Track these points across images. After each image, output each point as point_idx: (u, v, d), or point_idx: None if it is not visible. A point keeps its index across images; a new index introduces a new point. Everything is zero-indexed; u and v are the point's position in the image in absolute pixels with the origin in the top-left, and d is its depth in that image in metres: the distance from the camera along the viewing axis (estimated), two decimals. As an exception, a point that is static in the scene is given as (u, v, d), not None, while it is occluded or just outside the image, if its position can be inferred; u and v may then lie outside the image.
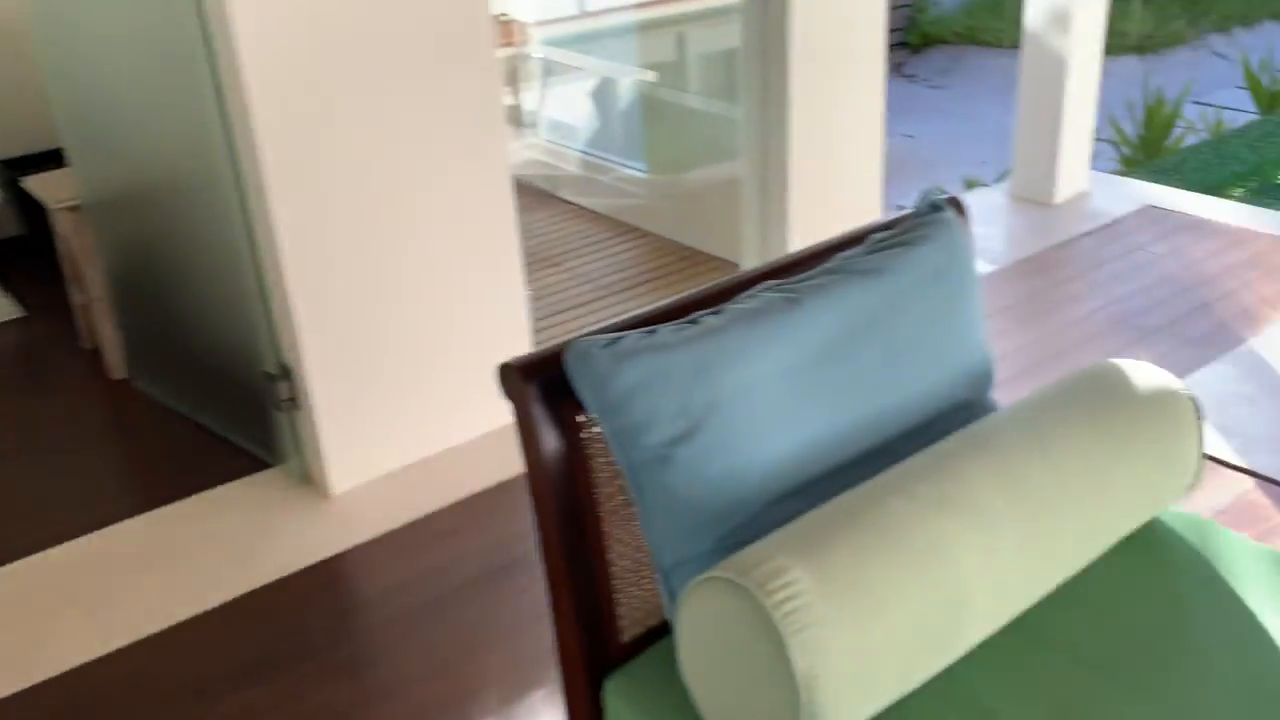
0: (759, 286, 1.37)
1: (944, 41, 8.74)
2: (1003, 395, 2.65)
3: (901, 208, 5.46)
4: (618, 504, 1.33)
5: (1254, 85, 6.35)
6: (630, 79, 4.25)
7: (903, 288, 1.38)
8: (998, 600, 1.22)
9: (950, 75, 8.34)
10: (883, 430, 1.37)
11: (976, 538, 1.20)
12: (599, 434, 1.28)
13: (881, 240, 1.44)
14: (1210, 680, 1.23)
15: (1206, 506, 2.20)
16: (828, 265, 1.40)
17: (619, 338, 1.23)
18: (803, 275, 1.38)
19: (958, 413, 1.45)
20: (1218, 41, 8.53)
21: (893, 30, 8.89)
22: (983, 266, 3.42)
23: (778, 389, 1.26)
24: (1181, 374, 2.71)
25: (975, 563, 1.19)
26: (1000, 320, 3.07)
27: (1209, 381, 2.67)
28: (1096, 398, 1.37)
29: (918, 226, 1.45)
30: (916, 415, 1.40)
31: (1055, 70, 3.67)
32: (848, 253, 1.43)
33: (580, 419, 1.27)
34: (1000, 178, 4.84)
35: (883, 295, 1.36)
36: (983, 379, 1.48)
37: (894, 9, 8.79)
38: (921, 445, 1.40)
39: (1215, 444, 2.41)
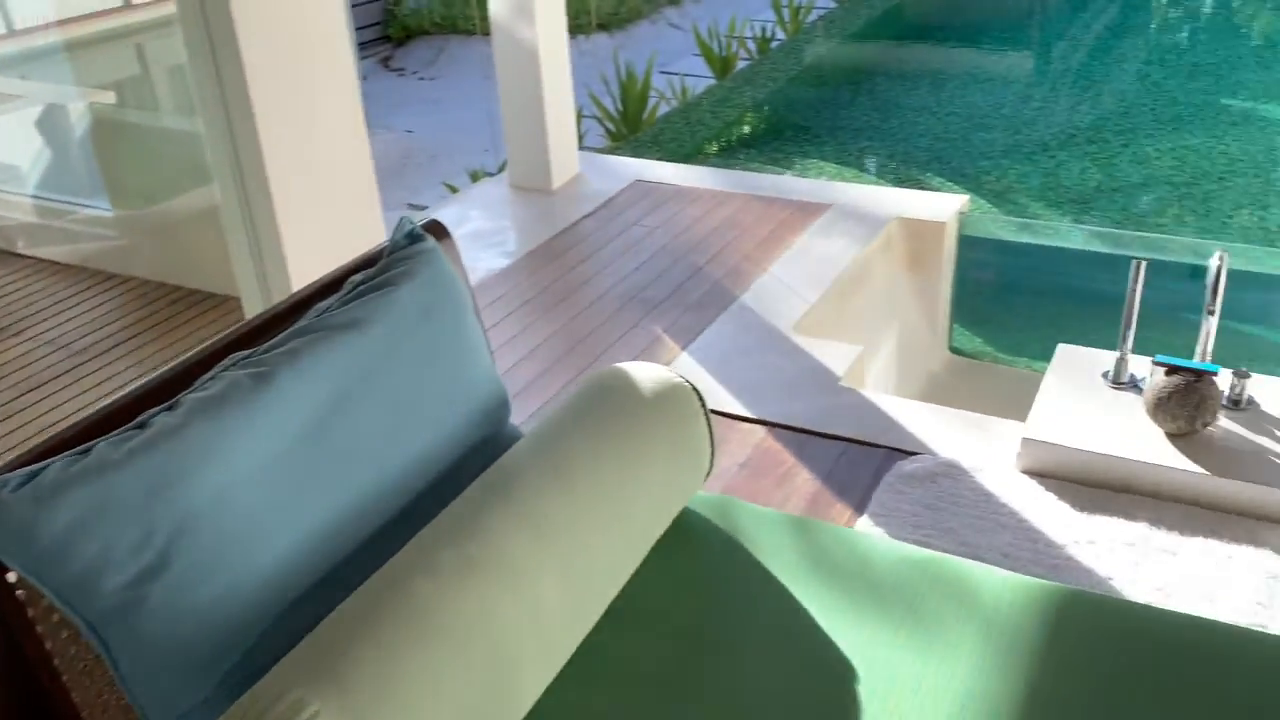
0: (221, 364, 1.16)
1: (425, 32, 8.72)
2: (540, 390, 2.64)
3: (415, 206, 5.28)
4: (89, 663, 1.07)
5: (707, 53, 7.01)
6: (82, 103, 3.69)
7: (390, 336, 1.24)
8: (548, 655, 1.15)
9: (438, 65, 8.35)
10: (402, 493, 1.24)
11: (513, 599, 1.11)
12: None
13: (360, 285, 1.30)
14: (757, 671, 1.25)
15: (731, 464, 2.33)
16: (301, 325, 1.23)
17: (38, 471, 0.98)
18: (272, 342, 1.20)
19: (479, 452, 1.36)
20: (672, 14, 9.34)
21: (372, 24, 8.71)
22: (499, 261, 3.40)
23: (262, 485, 1.07)
24: (691, 338, 2.87)
25: (517, 626, 1.10)
26: (524, 314, 3.07)
27: (713, 342, 2.86)
28: (606, 413, 1.34)
29: (397, 263, 1.33)
30: (435, 467, 1.29)
31: (527, 58, 3.73)
32: (323, 305, 1.27)
33: (10, 578, 1.00)
34: (502, 166, 4.90)
35: (369, 349, 1.22)
36: (498, 409, 1.40)
37: (369, 1, 8.60)
38: (448, 497, 1.28)
39: (727, 400, 2.58)
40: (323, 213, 3.02)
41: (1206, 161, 5.07)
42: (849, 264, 3.26)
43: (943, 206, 3.61)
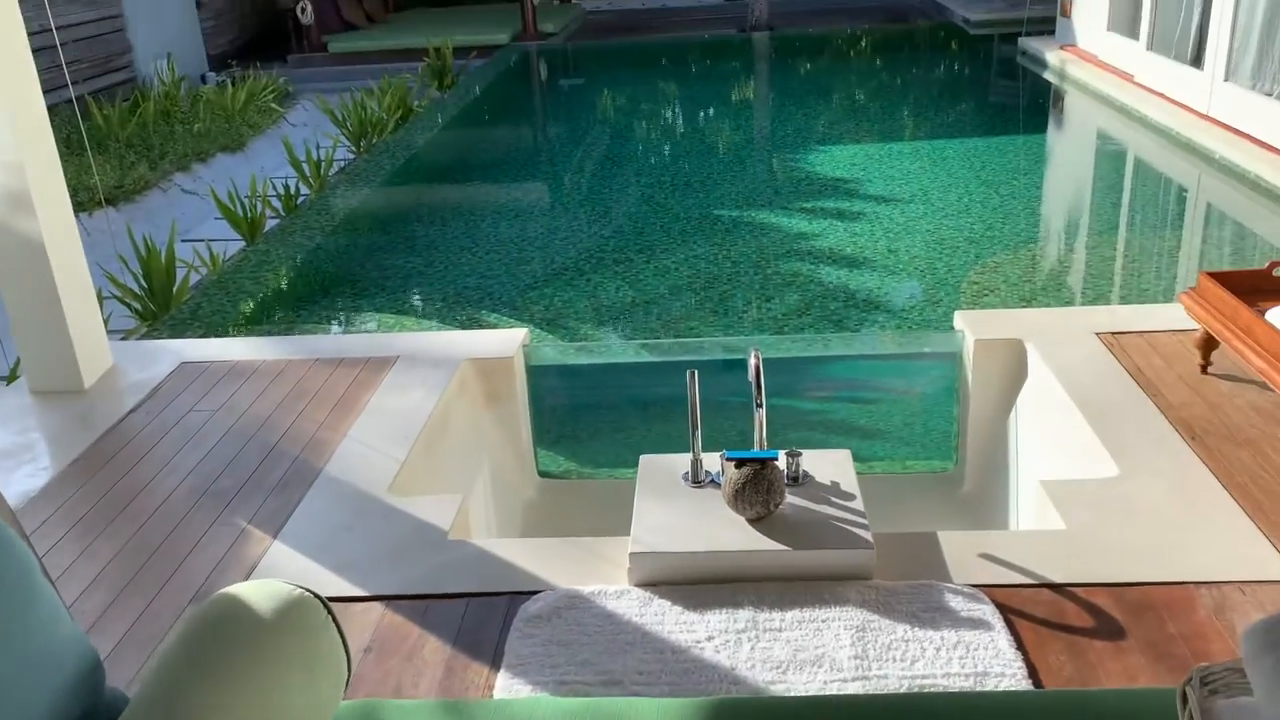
0: None
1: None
2: (115, 622, 2.31)
3: None
4: None
5: (230, 216, 6.76)
6: None
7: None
8: None
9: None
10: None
11: None
12: None
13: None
14: None
15: (356, 651, 2.20)
16: None
17: None
18: None
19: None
20: (183, 180, 8.91)
21: None
22: (32, 481, 2.97)
23: None
24: (279, 524, 2.69)
25: None
26: (78, 537, 2.70)
27: (306, 524, 2.70)
28: (226, 653, 1.20)
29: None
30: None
31: (32, 252, 3.36)
32: None
33: None
34: (14, 370, 4.31)
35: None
36: (90, 676, 1.21)
37: None
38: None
39: (335, 583, 2.44)
40: None
41: (714, 266, 5.77)
42: (430, 413, 3.26)
43: (507, 342, 3.75)
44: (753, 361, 2.54)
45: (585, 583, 2.39)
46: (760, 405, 2.52)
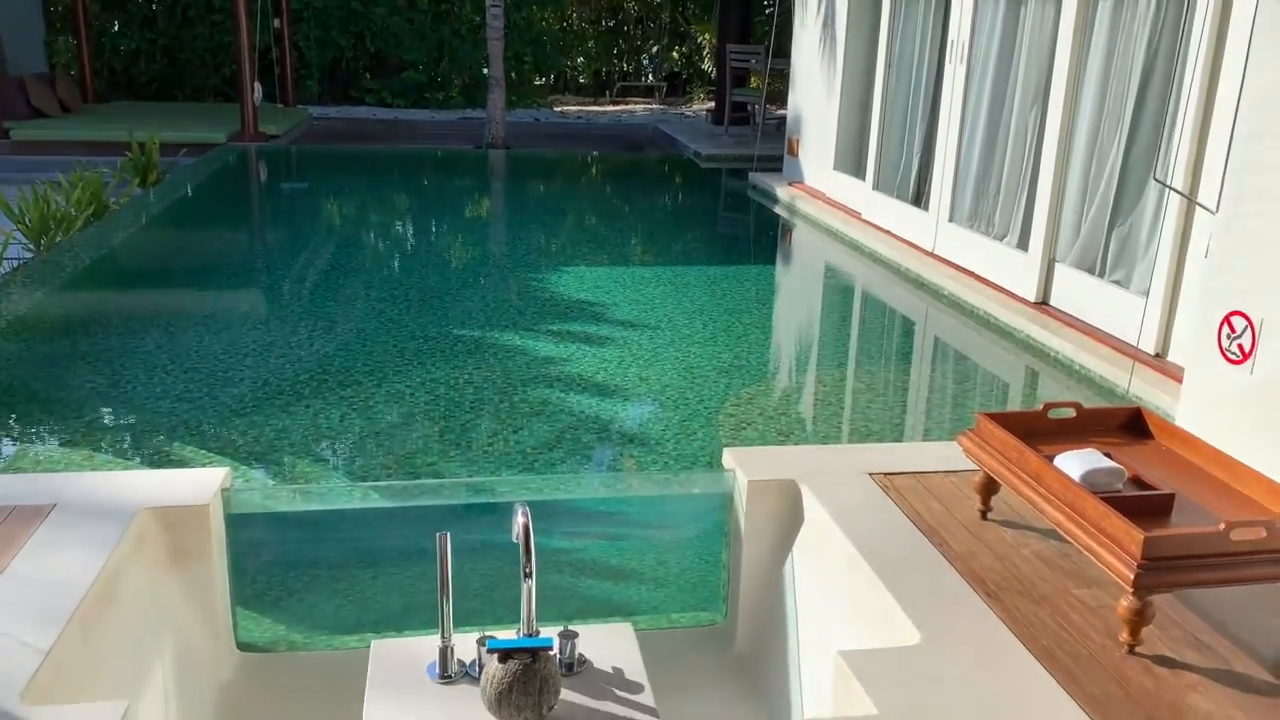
0: None
1: None
2: None
3: None
4: None
5: None
6: None
7: None
8: None
9: None
10: None
11: None
12: None
13: None
14: None
15: None
16: None
17: None
18: None
19: None
20: None
21: None
22: None
23: None
24: None
25: None
26: None
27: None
28: None
29: None
30: None
31: None
32: None
33: None
34: None
35: None
36: None
37: None
38: None
39: None
40: None
41: (455, 392, 5.26)
42: (91, 582, 2.52)
43: (201, 484, 3.06)
44: (520, 520, 2.07)
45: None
46: (529, 575, 2.05)
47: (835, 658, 2.37)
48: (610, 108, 22.40)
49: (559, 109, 21.45)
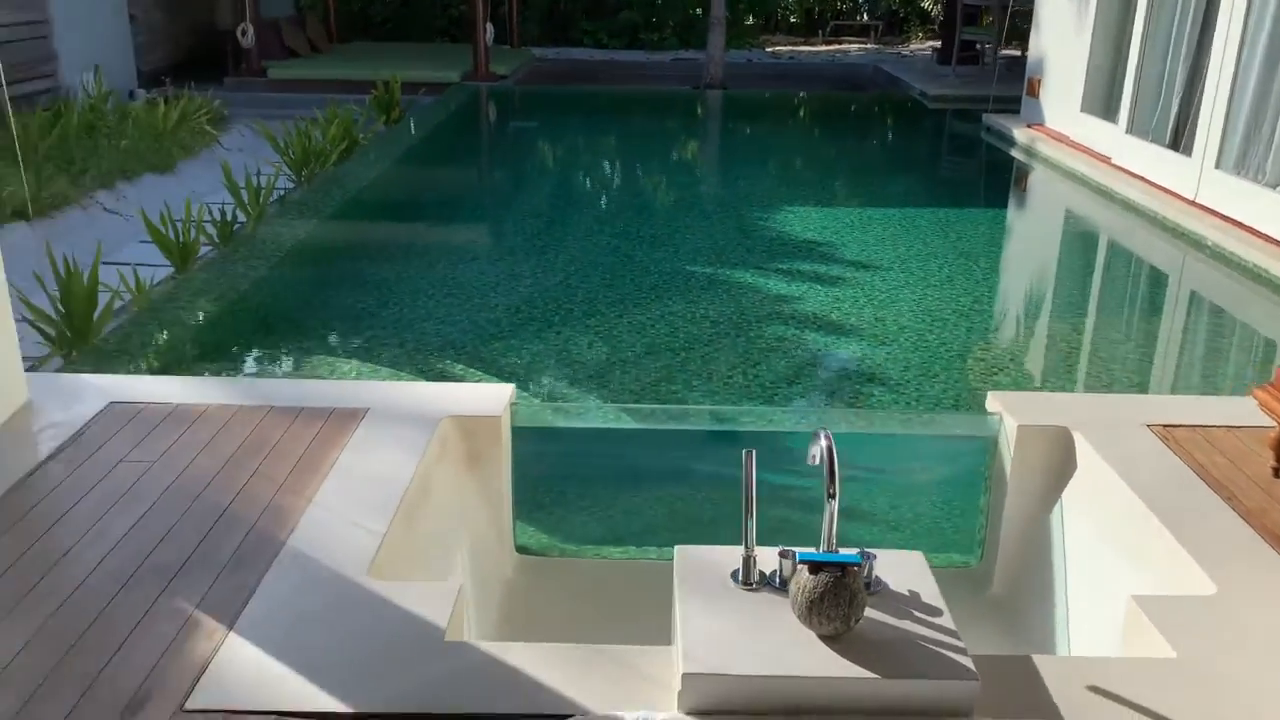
0: None
1: None
2: None
3: None
4: None
5: (161, 240, 6.17)
6: None
7: None
8: None
9: None
10: None
11: None
12: None
13: None
14: None
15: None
16: None
17: None
18: None
19: None
20: (106, 197, 8.26)
21: None
22: (-83, 542, 2.41)
23: None
24: (235, 611, 2.19)
25: None
26: (-29, 618, 2.16)
27: (268, 612, 2.20)
28: None
29: None
30: None
31: (-57, 262, 2.82)
32: None
33: None
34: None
35: None
36: None
37: None
38: None
39: (305, 692, 1.95)
40: None
41: (693, 325, 5.39)
42: (410, 477, 2.79)
43: (493, 398, 3.30)
44: (823, 443, 2.14)
45: (624, 705, 1.95)
46: (833, 496, 2.13)
47: (1128, 602, 2.35)
48: (823, 47, 21.89)
49: (770, 49, 21.15)
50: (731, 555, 2.25)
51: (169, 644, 2.09)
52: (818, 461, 2.16)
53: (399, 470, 2.82)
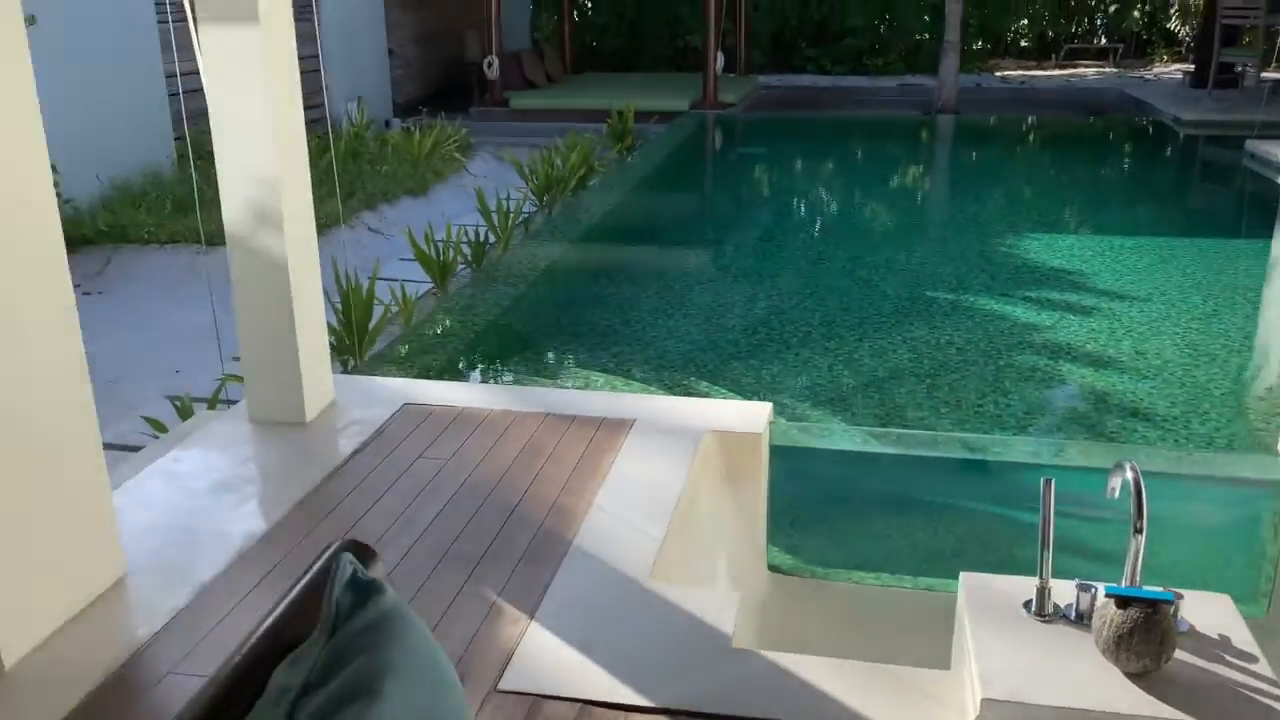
0: None
1: (89, 241, 7.70)
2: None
3: (120, 446, 4.24)
4: None
5: (424, 258, 6.62)
6: None
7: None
8: None
9: (106, 279, 7.34)
10: None
11: None
12: None
13: (299, 697, 0.72)
14: None
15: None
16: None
17: None
18: None
19: None
20: (370, 218, 8.94)
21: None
22: (255, 522, 2.70)
23: None
24: (535, 600, 2.33)
25: None
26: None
27: (566, 604, 2.34)
28: None
29: (355, 648, 0.76)
30: None
31: (273, 271, 3.15)
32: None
33: None
34: (216, 394, 4.15)
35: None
36: None
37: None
38: None
39: (605, 683, 2.05)
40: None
41: (938, 352, 5.29)
42: (681, 488, 2.88)
43: (753, 416, 3.37)
44: (1129, 476, 2.08)
45: (916, 726, 1.95)
46: (1140, 531, 2.05)
47: None
48: (1055, 71, 20.95)
49: (999, 74, 20.44)
50: (1018, 585, 2.21)
51: (478, 628, 2.25)
52: (1117, 495, 2.10)
53: (670, 479, 2.92)
